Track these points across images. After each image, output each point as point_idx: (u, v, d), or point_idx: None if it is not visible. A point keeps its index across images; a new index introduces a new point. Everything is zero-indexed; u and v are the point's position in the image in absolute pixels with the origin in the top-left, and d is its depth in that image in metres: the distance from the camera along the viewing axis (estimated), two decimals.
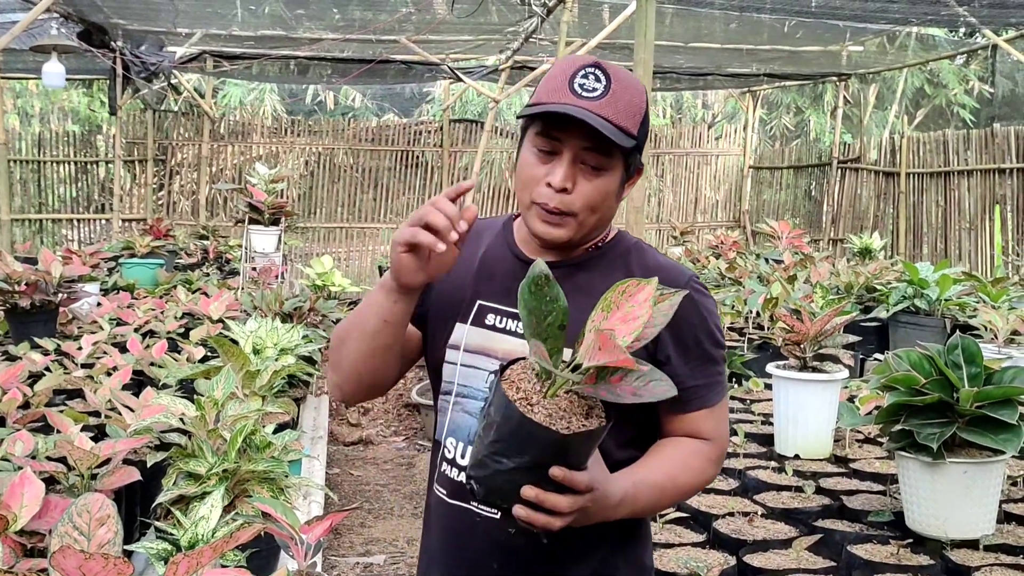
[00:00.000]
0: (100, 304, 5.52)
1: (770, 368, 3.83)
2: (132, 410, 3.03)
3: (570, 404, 1.29)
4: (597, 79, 1.45)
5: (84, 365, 4.22)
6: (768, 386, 4.30)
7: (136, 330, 4.97)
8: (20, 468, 2.23)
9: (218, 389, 2.67)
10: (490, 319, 1.54)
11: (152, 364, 4.17)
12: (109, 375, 3.78)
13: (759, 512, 3.09)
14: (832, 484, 3.35)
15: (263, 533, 2.03)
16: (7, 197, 7.30)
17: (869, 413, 3.21)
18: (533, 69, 10.20)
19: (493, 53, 10.33)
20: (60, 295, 4.87)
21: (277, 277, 6.63)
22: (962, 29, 11.24)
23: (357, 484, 5.33)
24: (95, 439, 2.79)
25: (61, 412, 3.07)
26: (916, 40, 10.26)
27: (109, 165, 12.08)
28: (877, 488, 3.29)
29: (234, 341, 3.74)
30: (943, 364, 2.79)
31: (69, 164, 12.37)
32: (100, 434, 3.04)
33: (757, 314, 5.89)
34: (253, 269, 6.72)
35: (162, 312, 5.50)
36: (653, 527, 2.77)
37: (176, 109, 12.60)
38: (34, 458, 2.59)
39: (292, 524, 2.00)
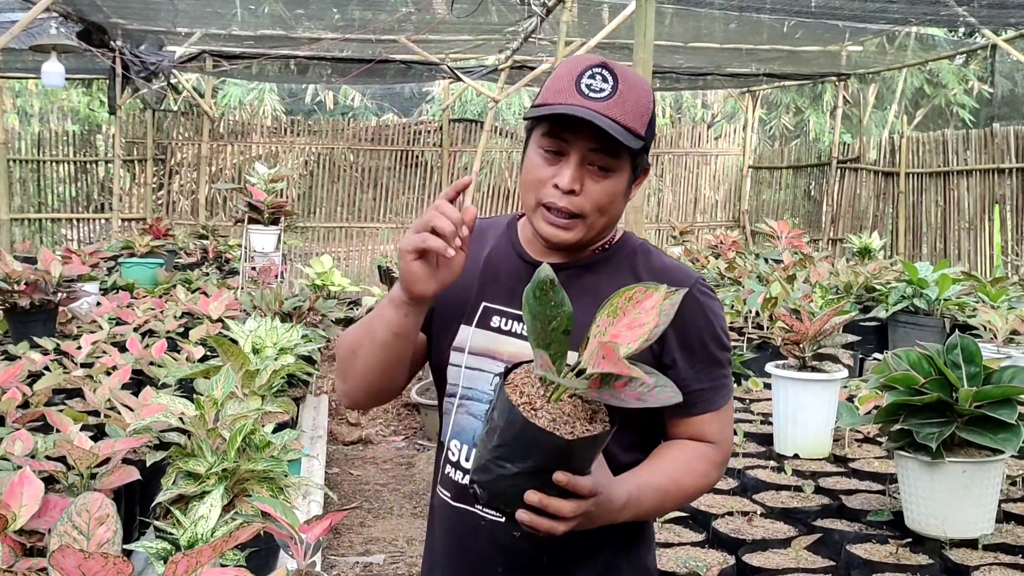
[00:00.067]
0: (99, 303, 5.52)
1: (769, 368, 3.83)
2: (131, 409, 3.03)
3: (574, 408, 1.28)
4: (604, 79, 1.43)
5: (83, 364, 4.22)
6: (767, 385, 4.30)
7: (135, 329, 4.98)
8: (19, 467, 2.23)
9: (217, 388, 2.68)
10: (495, 321, 1.52)
11: (151, 363, 4.17)
12: (108, 374, 3.78)
13: (758, 511, 3.09)
14: (831, 484, 3.35)
15: (262, 532, 2.03)
16: (6, 197, 7.30)
17: (868, 413, 3.21)
18: (533, 69, 10.19)
19: (493, 53, 10.33)
20: (59, 294, 4.87)
21: (276, 277, 6.63)
22: (961, 29, 11.24)
23: (356, 483, 5.33)
24: (94, 438, 2.79)
25: (60, 411, 3.07)
26: (915, 40, 10.26)
27: (108, 165, 12.07)
28: (876, 488, 3.29)
29: (233, 341, 3.74)
30: (942, 364, 2.79)
31: (68, 164, 12.37)
32: (99, 433, 3.04)
33: (756, 314, 5.89)
34: (253, 269, 6.71)
35: (161, 312, 5.50)
36: None
37: (176, 109, 12.60)
38: (33, 457, 2.59)
39: (291, 523, 2.01)
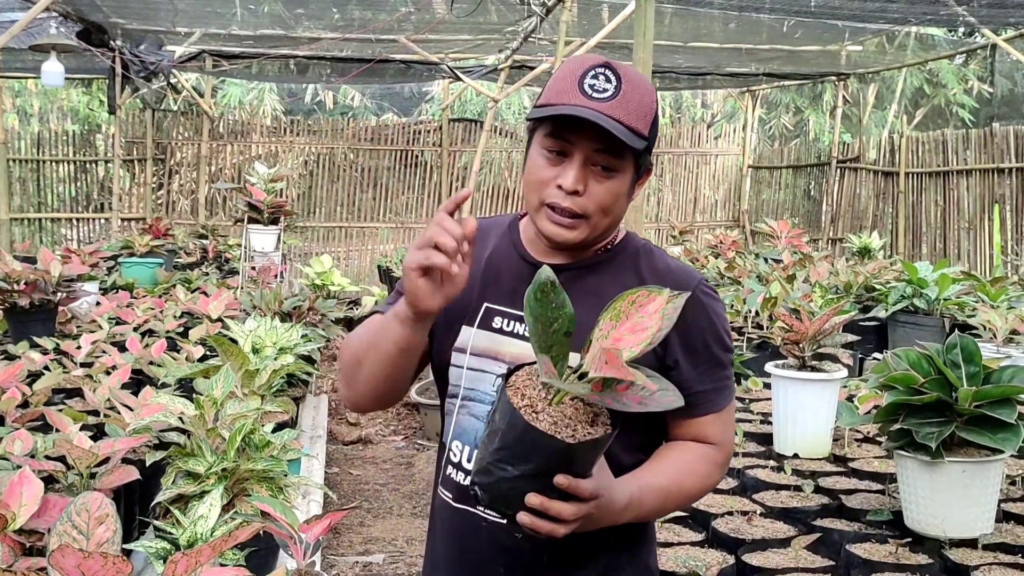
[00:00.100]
0: (99, 303, 5.52)
1: (769, 367, 3.83)
2: (131, 409, 3.03)
3: (575, 411, 1.27)
4: (607, 79, 1.42)
5: (83, 364, 4.22)
6: (767, 385, 4.30)
7: (135, 329, 4.98)
8: (19, 467, 2.23)
9: (217, 388, 2.68)
10: (497, 322, 1.52)
11: (151, 363, 4.17)
12: (108, 374, 3.78)
13: (758, 511, 3.09)
14: (831, 483, 3.35)
15: (262, 532, 2.03)
16: (6, 196, 7.30)
17: (868, 412, 3.21)
18: (532, 68, 10.19)
19: (492, 52, 10.33)
20: (59, 294, 4.87)
21: (276, 276, 6.62)
22: (961, 29, 11.24)
23: (356, 483, 5.33)
24: (94, 438, 2.79)
25: (60, 411, 3.07)
26: (915, 40, 10.26)
27: (108, 164, 12.07)
28: (876, 487, 3.29)
29: (233, 340, 3.74)
30: (942, 363, 2.79)
31: (68, 163, 12.36)
32: (99, 433, 3.04)
33: (756, 313, 5.89)
34: (252, 268, 6.71)
35: (161, 311, 5.50)
36: None
37: (175, 108, 12.60)
38: (33, 457, 2.59)
39: (291, 523, 2.01)
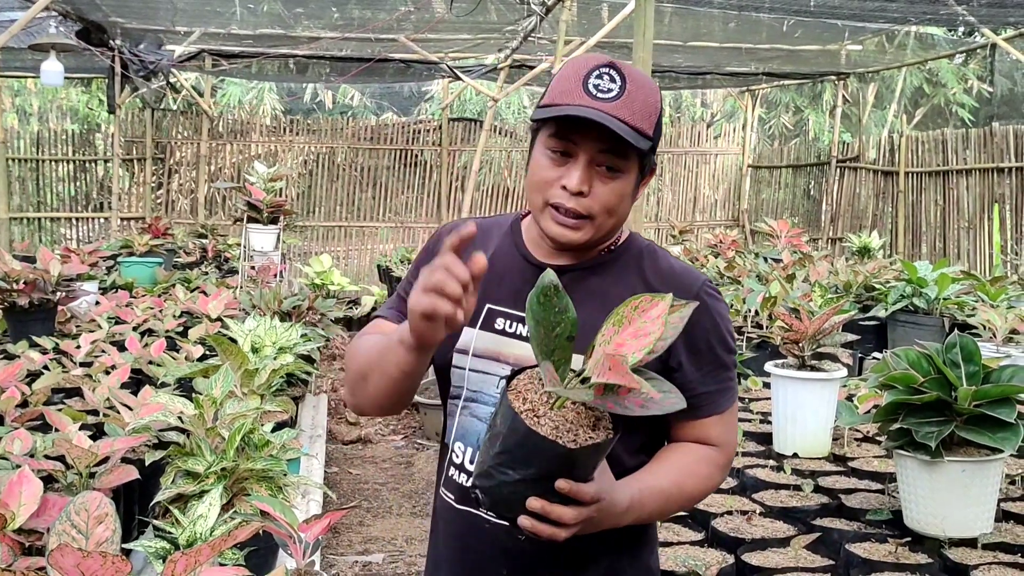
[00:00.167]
0: (99, 303, 5.52)
1: (769, 367, 3.83)
2: (130, 408, 3.03)
3: (577, 416, 1.27)
4: (612, 79, 1.41)
5: (82, 364, 4.22)
6: (767, 385, 4.30)
7: (135, 329, 4.98)
8: (18, 466, 2.23)
9: (216, 388, 2.68)
10: (499, 323, 1.51)
11: (150, 363, 4.17)
12: (107, 373, 3.78)
13: (757, 511, 3.09)
14: (830, 483, 3.35)
15: (261, 531, 2.03)
16: (5, 195, 7.30)
17: (867, 412, 3.21)
18: (532, 68, 10.19)
19: (492, 52, 10.32)
20: (58, 293, 4.87)
21: (276, 276, 6.62)
22: (961, 28, 11.24)
23: (356, 483, 5.33)
24: (93, 437, 2.79)
25: (59, 410, 3.07)
26: (915, 39, 10.26)
27: (108, 164, 12.07)
28: (875, 487, 3.29)
29: (233, 340, 3.74)
30: (941, 363, 2.79)
31: (67, 163, 12.36)
32: (98, 432, 3.04)
33: (756, 313, 5.89)
34: (252, 268, 6.71)
35: (160, 311, 5.50)
36: None
37: (175, 108, 12.60)
38: (32, 456, 2.59)
39: (290, 522, 2.01)
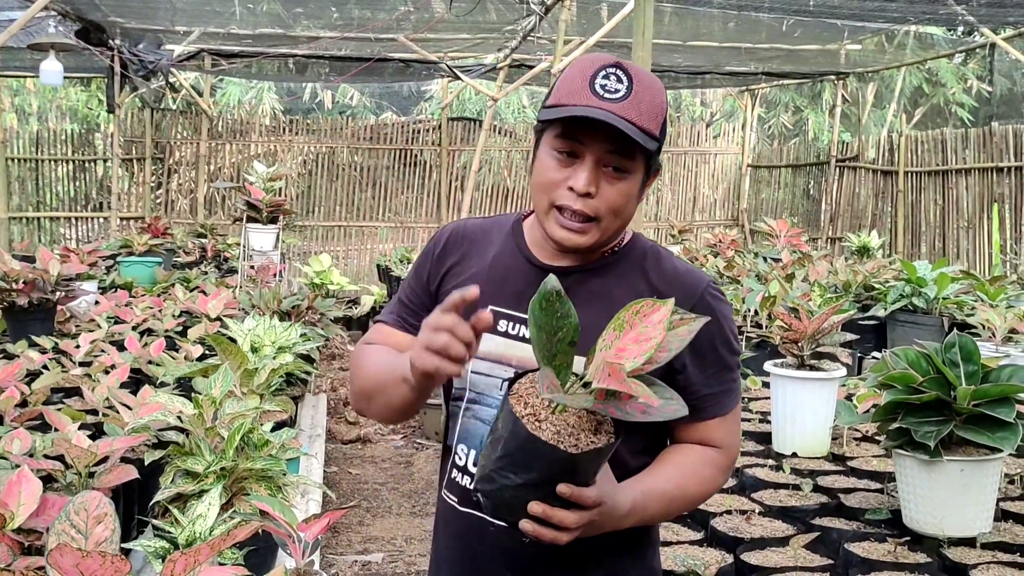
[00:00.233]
0: (98, 302, 5.52)
1: (768, 366, 3.83)
2: (130, 408, 3.03)
3: (579, 420, 1.27)
4: (619, 80, 1.40)
5: (82, 363, 4.22)
6: (766, 384, 4.30)
7: (134, 328, 4.98)
8: (18, 466, 2.23)
9: (216, 387, 2.68)
10: (502, 325, 1.50)
11: (150, 362, 4.17)
12: (107, 373, 3.78)
13: (757, 510, 3.09)
14: (830, 482, 3.36)
15: (261, 531, 2.03)
16: (5, 195, 7.30)
17: (867, 411, 3.21)
18: (531, 67, 10.19)
19: (491, 51, 10.32)
20: (58, 293, 4.87)
21: (275, 275, 6.62)
22: (960, 28, 11.24)
23: (355, 482, 5.33)
24: (93, 437, 2.79)
25: (59, 410, 3.07)
26: (914, 39, 10.26)
27: (107, 163, 12.07)
28: (874, 486, 3.29)
29: (232, 339, 3.74)
30: (940, 362, 2.79)
31: (67, 162, 12.36)
32: (98, 432, 3.04)
33: (755, 312, 5.89)
34: (251, 267, 6.71)
35: (160, 310, 5.50)
36: None
37: (174, 107, 12.59)
38: (32, 456, 2.59)
39: (290, 522, 2.01)
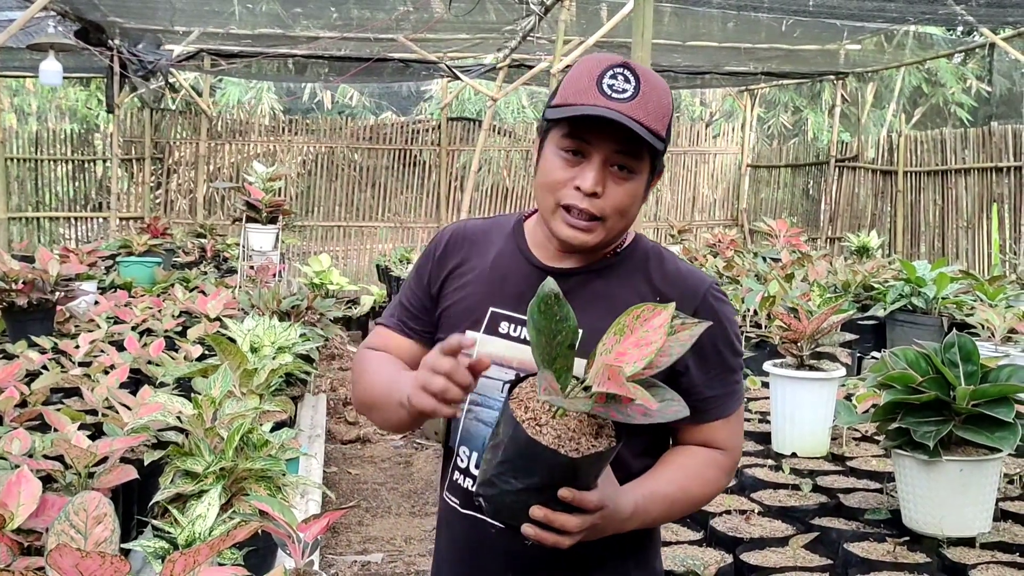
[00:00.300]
0: (97, 302, 5.52)
1: (767, 366, 3.83)
2: (129, 408, 3.03)
3: (580, 424, 1.27)
4: (627, 79, 1.39)
5: (81, 363, 4.22)
6: (765, 384, 4.30)
7: (133, 328, 4.98)
8: (17, 466, 2.23)
9: (215, 387, 2.67)
10: (503, 327, 1.50)
11: (149, 362, 4.17)
12: (106, 373, 3.77)
13: (756, 510, 3.09)
14: (829, 482, 3.36)
15: (260, 531, 2.03)
16: (4, 195, 7.30)
17: (866, 411, 3.21)
18: (531, 67, 10.19)
19: (491, 51, 10.32)
20: (57, 293, 4.87)
21: (275, 275, 6.62)
22: (960, 28, 11.25)
23: (355, 482, 5.33)
24: (92, 437, 2.79)
25: (58, 410, 3.07)
26: (914, 39, 10.26)
27: (106, 163, 12.07)
28: (874, 486, 3.30)
29: (232, 339, 3.74)
30: (940, 362, 2.79)
31: (66, 162, 12.36)
32: (97, 432, 3.04)
33: (754, 312, 5.89)
34: (251, 267, 6.70)
35: (159, 310, 5.49)
36: None
37: (174, 108, 12.59)
38: (31, 456, 2.58)
39: (289, 522, 2.01)
